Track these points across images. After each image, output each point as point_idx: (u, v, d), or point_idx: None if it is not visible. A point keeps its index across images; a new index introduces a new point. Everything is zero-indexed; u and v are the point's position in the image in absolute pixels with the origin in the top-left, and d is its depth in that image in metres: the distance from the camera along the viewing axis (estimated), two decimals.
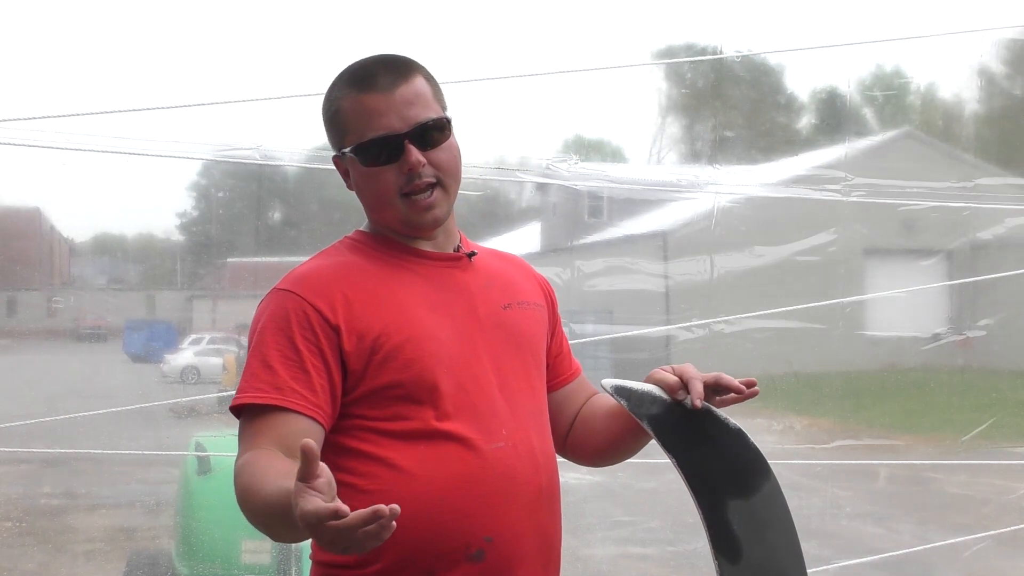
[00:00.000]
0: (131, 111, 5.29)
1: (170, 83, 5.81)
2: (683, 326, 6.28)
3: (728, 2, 6.66)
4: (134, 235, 6.41)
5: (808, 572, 1.97)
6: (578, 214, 6.65)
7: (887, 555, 6.34)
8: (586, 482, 6.32)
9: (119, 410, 5.63)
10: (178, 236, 6.77)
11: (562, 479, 1.98)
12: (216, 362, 6.63)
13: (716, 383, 1.94)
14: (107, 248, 6.34)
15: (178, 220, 6.72)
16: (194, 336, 6.91)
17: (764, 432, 6.62)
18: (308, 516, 1.45)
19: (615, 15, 7.08)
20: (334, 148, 1.97)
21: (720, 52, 6.28)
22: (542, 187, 6.37)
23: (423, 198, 1.90)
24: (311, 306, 1.84)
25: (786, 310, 6.36)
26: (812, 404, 7.03)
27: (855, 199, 6.32)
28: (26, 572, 5.39)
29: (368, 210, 1.99)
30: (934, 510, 7.11)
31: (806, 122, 7.70)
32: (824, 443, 6.63)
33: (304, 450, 1.46)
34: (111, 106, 5.28)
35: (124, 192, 5.72)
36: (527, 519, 1.87)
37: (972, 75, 6.84)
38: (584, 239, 6.69)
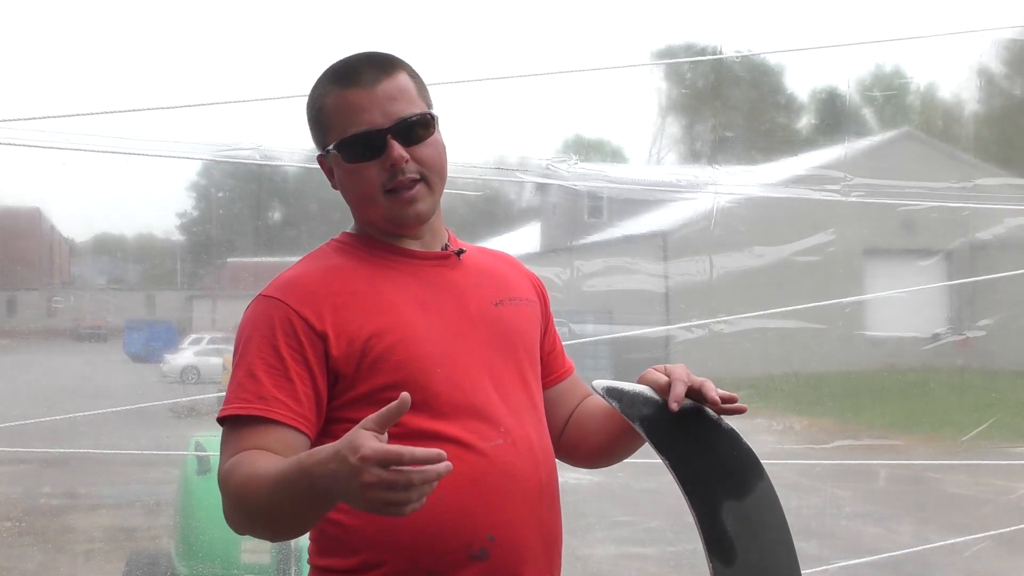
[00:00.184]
0: (131, 111, 5.29)
1: (170, 83, 5.82)
2: (683, 326, 6.27)
3: (728, 2, 6.65)
4: (134, 235, 6.42)
5: (804, 573, 1.95)
6: (578, 214, 6.64)
7: (887, 555, 6.34)
8: (586, 482, 6.31)
9: (119, 410, 5.62)
10: (178, 236, 6.78)
11: (562, 479, 1.96)
12: (216, 362, 6.61)
13: (700, 390, 1.90)
14: (107, 248, 6.33)
15: (178, 220, 6.72)
16: (194, 336, 6.91)
17: (764, 432, 6.62)
18: (370, 454, 1.48)
19: (615, 15, 7.08)
20: (318, 147, 1.95)
21: (720, 52, 6.28)
22: (542, 187, 6.36)
23: (406, 192, 1.87)
24: (296, 313, 1.82)
25: (786, 310, 6.35)
26: (812, 404, 7.02)
27: (855, 199, 6.31)
28: (26, 572, 5.38)
29: (353, 209, 1.97)
30: (934, 510, 7.11)
31: (806, 122, 7.71)
32: (824, 443, 6.62)
33: (403, 400, 1.52)
34: (111, 106, 5.28)
35: (124, 192, 5.73)
36: (529, 516, 1.85)
37: (972, 75, 6.83)
38: (584, 239, 6.69)
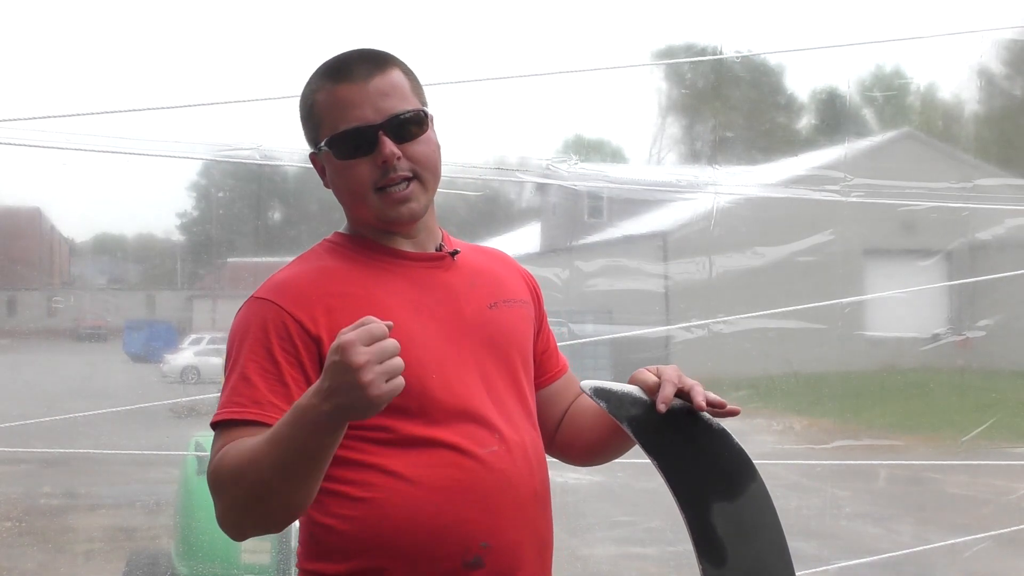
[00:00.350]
0: (131, 111, 5.29)
1: (170, 83, 5.81)
2: (683, 326, 6.27)
3: (728, 2, 6.64)
4: (134, 235, 6.41)
5: (803, 573, 1.93)
6: (578, 214, 6.63)
7: (887, 555, 6.33)
8: (586, 482, 6.31)
9: (119, 410, 5.62)
10: (178, 236, 6.77)
11: (562, 479, 1.96)
12: (216, 362, 6.60)
13: (689, 393, 1.87)
14: (107, 248, 6.33)
15: (178, 220, 6.72)
16: (194, 336, 6.90)
17: (764, 432, 6.62)
18: (350, 337, 1.52)
19: (615, 15, 7.08)
20: (310, 144, 1.91)
21: (720, 52, 6.27)
22: (542, 187, 6.36)
23: (398, 190, 1.84)
24: (290, 316, 1.79)
25: (786, 310, 6.35)
26: (812, 404, 7.02)
27: (855, 199, 6.30)
28: (26, 572, 5.39)
29: (345, 208, 1.93)
30: (934, 511, 7.09)
31: (806, 122, 7.70)
32: (824, 443, 6.61)
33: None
34: (111, 106, 5.28)
35: (124, 192, 5.73)
36: (524, 523, 1.83)
37: (972, 75, 6.83)
38: (584, 239, 6.68)
